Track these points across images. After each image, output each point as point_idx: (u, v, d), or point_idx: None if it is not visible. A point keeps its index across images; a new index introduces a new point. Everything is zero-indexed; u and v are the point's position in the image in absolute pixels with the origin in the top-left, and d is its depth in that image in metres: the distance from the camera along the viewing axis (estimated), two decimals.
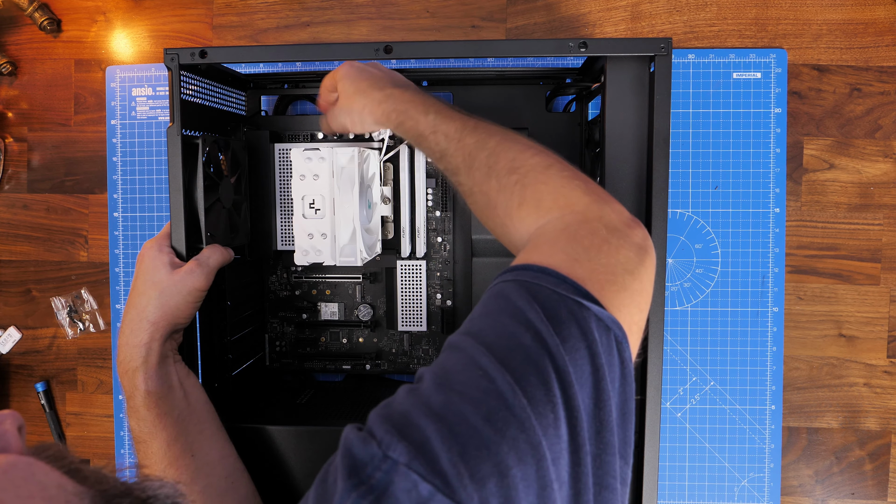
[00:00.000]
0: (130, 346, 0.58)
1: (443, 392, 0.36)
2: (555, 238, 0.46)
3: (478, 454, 0.33)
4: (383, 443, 0.33)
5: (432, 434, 0.33)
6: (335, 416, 0.69)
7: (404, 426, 0.34)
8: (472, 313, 0.43)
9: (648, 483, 0.60)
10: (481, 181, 0.52)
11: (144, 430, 0.57)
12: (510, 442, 0.34)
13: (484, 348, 0.38)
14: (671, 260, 0.84)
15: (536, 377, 0.37)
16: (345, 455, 0.34)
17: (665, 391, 0.83)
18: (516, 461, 0.33)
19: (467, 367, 0.38)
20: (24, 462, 0.31)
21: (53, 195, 0.91)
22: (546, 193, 0.49)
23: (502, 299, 0.42)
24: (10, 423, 0.34)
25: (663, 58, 0.59)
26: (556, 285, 0.41)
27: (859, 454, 0.83)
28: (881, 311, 0.83)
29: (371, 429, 0.35)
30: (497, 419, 0.34)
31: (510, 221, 0.50)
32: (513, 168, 0.51)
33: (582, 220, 0.46)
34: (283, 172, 0.77)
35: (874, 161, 0.83)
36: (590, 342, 0.39)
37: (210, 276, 0.62)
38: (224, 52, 0.64)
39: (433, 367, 0.39)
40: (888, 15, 0.82)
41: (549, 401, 0.36)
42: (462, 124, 0.55)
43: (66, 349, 0.92)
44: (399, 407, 0.36)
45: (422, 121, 0.57)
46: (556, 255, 0.44)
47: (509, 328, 0.39)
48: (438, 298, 0.79)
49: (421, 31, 0.86)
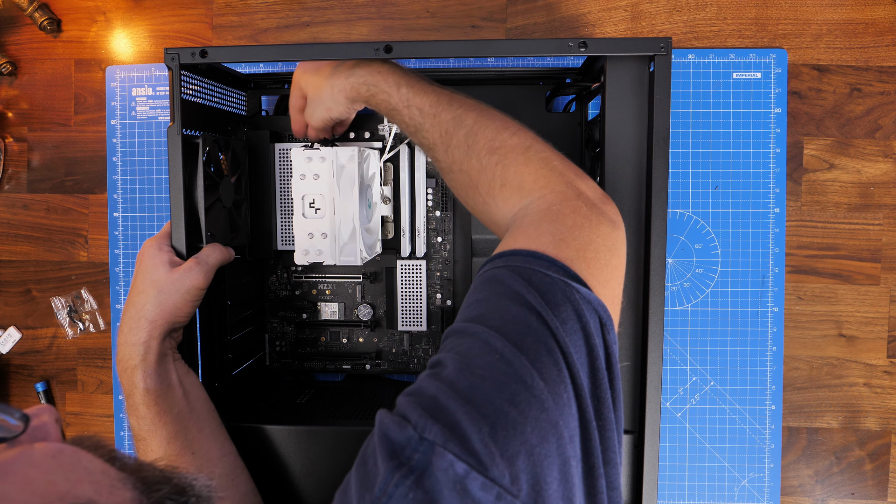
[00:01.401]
0: (129, 344, 0.58)
1: (466, 377, 0.37)
2: (539, 219, 0.48)
3: (505, 434, 0.35)
4: (418, 426, 0.35)
5: (462, 417, 0.35)
6: (335, 416, 0.69)
7: (435, 409, 0.36)
8: (468, 299, 0.45)
9: (648, 483, 0.60)
10: (461, 160, 0.54)
11: (144, 428, 0.57)
12: (533, 422, 0.36)
13: (495, 332, 0.40)
14: (671, 260, 0.84)
15: (548, 358, 0.39)
16: (382, 439, 0.36)
17: (665, 391, 0.83)
18: (540, 439, 0.35)
19: (484, 351, 0.39)
20: (69, 449, 0.33)
21: (53, 195, 0.91)
22: (527, 175, 0.51)
23: (498, 284, 0.43)
24: (48, 416, 0.35)
25: (663, 57, 0.59)
26: (547, 268, 0.43)
27: (859, 454, 0.83)
28: (881, 311, 0.83)
29: (404, 413, 0.36)
30: (520, 401, 0.36)
31: (493, 201, 0.52)
32: (493, 148, 0.52)
33: (563, 199, 0.49)
34: (283, 172, 0.77)
35: (874, 161, 0.83)
36: (584, 323, 0.41)
37: (209, 274, 0.62)
38: (224, 51, 0.64)
39: (450, 354, 0.40)
40: (888, 15, 0.82)
41: (562, 381, 0.38)
42: (437, 98, 0.56)
43: (66, 349, 0.92)
44: (428, 391, 0.37)
45: (394, 94, 0.57)
46: (543, 238, 0.45)
47: (513, 311, 0.41)
48: (438, 298, 0.79)
49: (421, 31, 0.86)
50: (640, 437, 0.60)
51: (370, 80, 0.59)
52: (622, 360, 0.62)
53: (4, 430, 0.32)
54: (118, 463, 0.34)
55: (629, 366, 0.62)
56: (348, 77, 0.60)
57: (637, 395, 0.62)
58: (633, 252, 0.62)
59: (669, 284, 0.84)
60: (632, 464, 0.62)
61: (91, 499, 0.31)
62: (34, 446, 0.32)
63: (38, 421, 0.34)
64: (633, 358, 0.62)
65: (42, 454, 0.32)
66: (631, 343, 0.62)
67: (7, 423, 0.32)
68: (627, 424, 0.62)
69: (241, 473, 0.62)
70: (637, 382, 0.62)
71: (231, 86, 0.77)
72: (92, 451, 0.34)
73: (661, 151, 0.59)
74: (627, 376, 0.62)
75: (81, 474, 0.32)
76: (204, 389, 0.63)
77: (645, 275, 0.61)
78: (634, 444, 0.62)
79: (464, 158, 0.54)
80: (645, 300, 0.61)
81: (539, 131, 0.79)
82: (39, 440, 0.33)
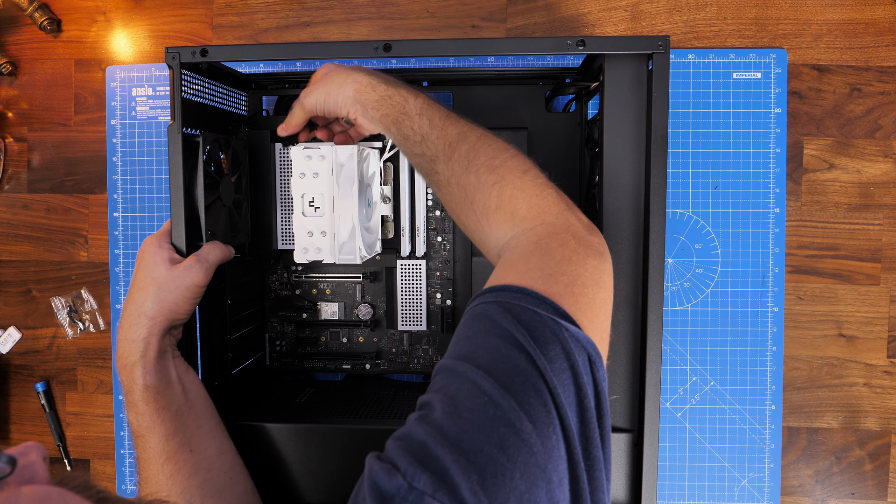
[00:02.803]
0: (129, 340, 0.58)
1: (454, 421, 0.38)
2: (528, 253, 0.48)
3: (494, 481, 0.35)
4: (407, 474, 0.35)
5: (451, 465, 0.35)
6: (335, 415, 0.69)
7: (424, 456, 0.36)
8: (457, 335, 0.45)
9: (648, 483, 0.60)
10: (460, 173, 0.54)
11: (143, 425, 0.57)
12: (522, 467, 0.36)
13: (482, 372, 0.40)
14: (671, 260, 0.84)
15: (536, 399, 0.39)
16: (372, 487, 0.36)
17: (665, 391, 0.83)
18: (529, 485, 0.35)
19: (472, 393, 0.39)
20: (57, 493, 0.31)
21: (53, 195, 0.91)
22: (522, 201, 0.51)
23: (487, 321, 0.43)
24: (35, 455, 0.34)
25: (661, 55, 0.59)
26: (536, 305, 0.43)
27: (859, 454, 0.83)
28: (881, 311, 0.83)
29: (393, 460, 0.36)
30: (508, 446, 0.36)
31: (486, 221, 0.53)
32: (492, 167, 0.53)
33: (552, 232, 0.49)
34: (283, 173, 0.77)
35: (874, 161, 0.83)
36: (572, 362, 0.41)
37: (209, 272, 0.62)
38: (225, 50, 0.64)
39: (439, 395, 0.40)
40: (888, 15, 0.82)
41: (550, 422, 0.38)
42: (446, 113, 0.57)
43: (66, 349, 0.92)
44: (417, 437, 0.37)
45: (410, 100, 0.58)
46: (531, 273, 0.46)
47: (502, 350, 0.41)
48: (438, 298, 0.79)
49: (421, 31, 0.86)
50: (640, 437, 0.60)
51: (391, 81, 0.60)
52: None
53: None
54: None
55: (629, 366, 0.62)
56: (370, 74, 0.61)
57: (637, 395, 0.62)
58: (632, 251, 0.62)
59: (669, 284, 0.84)
60: (631, 464, 0.62)
61: None
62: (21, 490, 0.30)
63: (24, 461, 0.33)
64: (632, 358, 0.62)
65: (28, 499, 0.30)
66: (630, 343, 0.62)
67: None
68: (627, 424, 0.62)
69: (240, 472, 0.62)
70: (637, 382, 0.62)
71: (232, 86, 0.77)
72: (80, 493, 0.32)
73: (660, 149, 0.59)
74: (627, 376, 0.62)
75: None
76: (203, 387, 0.63)
77: (644, 274, 0.61)
78: (634, 444, 0.62)
79: (462, 172, 0.54)
80: (644, 300, 0.61)
81: (539, 131, 0.79)
82: (27, 482, 0.32)
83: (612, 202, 0.62)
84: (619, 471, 0.62)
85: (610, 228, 0.62)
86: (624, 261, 0.62)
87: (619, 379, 0.62)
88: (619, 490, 0.62)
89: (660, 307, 0.59)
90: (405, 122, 0.58)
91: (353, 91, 0.60)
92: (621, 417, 0.62)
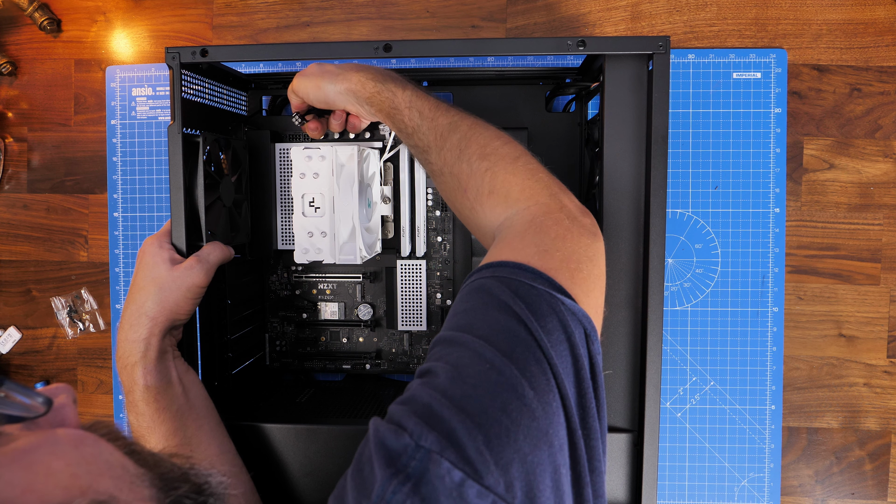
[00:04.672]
0: (129, 341, 0.58)
1: (458, 385, 0.38)
2: (523, 231, 0.49)
3: (499, 442, 0.35)
4: (414, 434, 0.35)
5: (457, 425, 0.35)
6: (335, 416, 0.69)
7: (430, 417, 0.36)
8: (455, 308, 0.46)
9: (648, 483, 0.59)
10: (452, 163, 0.55)
11: (143, 425, 0.57)
12: (525, 430, 0.36)
13: (484, 341, 0.40)
14: (671, 260, 0.84)
15: (537, 367, 0.39)
16: (379, 446, 0.36)
17: (665, 391, 0.83)
18: (532, 447, 0.36)
19: (474, 361, 0.39)
20: (91, 439, 0.31)
21: (53, 195, 0.91)
22: (514, 185, 0.52)
23: (485, 294, 0.44)
24: (66, 397, 0.33)
25: (661, 56, 0.59)
26: (532, 280, 0.44)
27: (859, 454, 0.83)
28: (881, 311, 0.83)
29: (399, 421, 0.37)
30: (512, 409, 0.37)
31: (479, 206, 0.54)
32: (484, 154, 0.54)
33: (546, 211, 0.50)
34: (283, 173, 0.77)
35: (874, 161, 0.83)
36: (569, 334, 0.42)
37: (210, 272, 0.62)
38: (225, 50, 0.64)
39: (441, 363, 0.41)
40: (888, 15, 0.82)
41: (550, 390, 0.39)
42: (436, 104, 0.58)
43: (66, 349, 0.92)
44: (421, 399, 0.38)
45: (399, 94, 0.59)
46: (527, 249, 0.47)
47: (501, 321, 0.41)
48: (438, 298, 0.79)
49: (421, 31, 0.86)
50: (640, 437, 0.60)
51: (380, 77, 0.61)
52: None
53: (22, 409, 0.30)
54: (136, 457, 0.33)
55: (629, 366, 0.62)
56: (359, 70, 0.62)
57: (636, 395, 0.62)
58: (632, 251, 0.62)
59: (669, 284, 0.84)
60: (631, 463, 0.62)
61: (112, 495, 0.29)
62: (56, 433, 0.30)
63: (57, 402, 0.32)
64: (632, 358, 0.62)
65: (65, 443, 0.29)
66: (630, 343, 0.62)
67: (24, 402, 0.30)
68: (627, 424, 0.62)
69: (240, 472, 0.62)
70: (636, 382, 0.62)
71: (232, 86, 0.77)
72: (112, 442, 0.32)
73: (660, 150, 0.59)
74: (627, 376, 0.62)
75: (103, 468, 0.30)
76: (203, 387, 0.63)
77: (644, 274, 0.61)
78: (634, 444, 0.62)
79: (455, 162, 0.55)
80: (644, 300, 0.61)
81: (539, 131, 0.79)
82: (58, 424, 0.32)
83: (612, 202, 0.62)
84: (619, 471, 0.62)
85: (610, 228, 0.62)
86: (624, 261, 0.62)
87: (619, 379, 0.62)
88: (619, 490, 0.62)
89: (660, 307, 0.59)
90: (395, 116, 0.59)
91: (345, 88, 0.62)
92: (621, 417, 0.62)
